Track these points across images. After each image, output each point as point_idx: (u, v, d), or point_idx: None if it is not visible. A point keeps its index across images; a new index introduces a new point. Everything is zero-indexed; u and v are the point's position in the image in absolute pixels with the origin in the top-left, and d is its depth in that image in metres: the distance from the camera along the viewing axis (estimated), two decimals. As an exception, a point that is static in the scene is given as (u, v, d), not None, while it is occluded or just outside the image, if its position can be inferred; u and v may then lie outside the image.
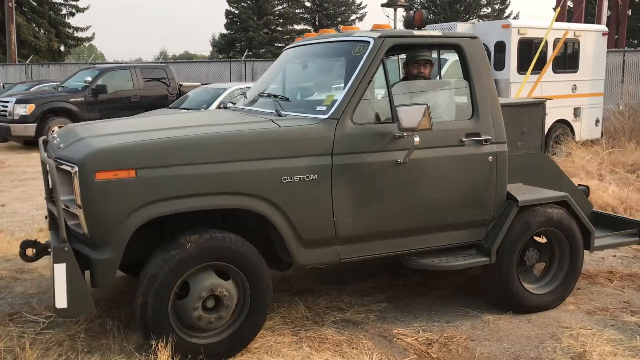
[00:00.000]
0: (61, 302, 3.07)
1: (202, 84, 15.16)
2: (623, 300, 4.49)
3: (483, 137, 4.02)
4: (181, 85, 15.08)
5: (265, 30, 42.58)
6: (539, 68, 9.78)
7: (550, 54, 10.07)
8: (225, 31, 43.47)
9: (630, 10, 28.77)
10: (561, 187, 4.64)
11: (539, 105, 4.88)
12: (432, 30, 4.37)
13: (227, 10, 42.51)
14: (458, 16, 39.54)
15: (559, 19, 16.48)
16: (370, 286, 4.75)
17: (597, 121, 11.37)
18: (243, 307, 3.51)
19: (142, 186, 3.19)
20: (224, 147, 3.40)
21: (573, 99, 10.74)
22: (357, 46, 3.91)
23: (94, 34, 42.00)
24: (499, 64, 10.04)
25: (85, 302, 3.15)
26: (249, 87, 5.16)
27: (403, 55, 4.94)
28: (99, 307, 3.94)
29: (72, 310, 3.14)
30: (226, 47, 42.60)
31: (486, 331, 3.92)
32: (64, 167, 3.30)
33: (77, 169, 3.15)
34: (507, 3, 43.76)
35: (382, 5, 16.73)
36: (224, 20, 42.90)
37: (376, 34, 3.87)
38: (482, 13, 42.89)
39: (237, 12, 42.46)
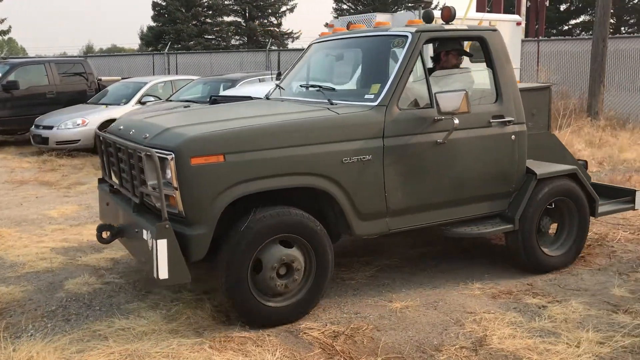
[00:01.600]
0: (163, 273, 3.46)
1: (122, 78, 14.67)
2: (526, 282, 4.62)
3: (507, 119, 4.57)
4: (100, 79, 14.54)
5: (194, 22, 41.65)
6: (456, 58, 9.97)
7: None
8: (152, 23, 42.28)
9: (547, 1, 29.86)
10: (566, 162, 5.27)
11: (545, 90, 5.48)
12: (459, 25, 4.75)
13: (154, 1, 41.33)
14: (387, 7, 39.97)
15: (479, 9, 16.93)
16: (282, 281, 4.69)
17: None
18: (310, 272, 3.96)
19: (230, 169, 3.61)
20: (296, 134, 3.84)
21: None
22: (396, 40, 4.40)
23: (10, 27, 39.83)
24: (418, 54, 10.18)
25: (183, 272, 3.52)
26: (172, 81, 5.21)
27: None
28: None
29: (172, 280, 3.52)
30: (154, 40, 41.40)
31: (393, 320, 3.95)
32: (150, 154, 3.57)
33: (173, 155, 3.50)
34: (433, -6, 44.55)
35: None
36: (152, 13, 41.70)
37: (413, 29, 4.35)
38: (410, 4, 43.52)
39: (164, 3, 41.34)
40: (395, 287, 4.55)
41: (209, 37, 40.96)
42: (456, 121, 4.15)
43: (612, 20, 19.72)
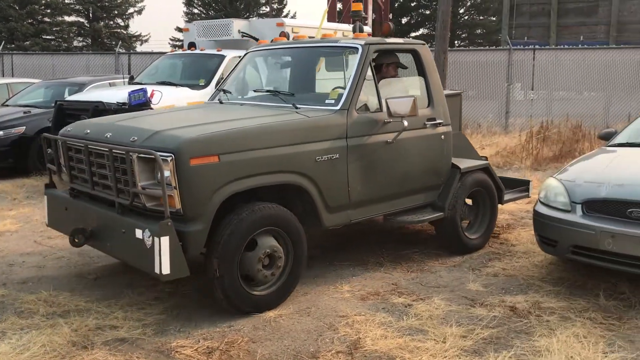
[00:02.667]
0: (165, 269, 3.62)
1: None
2: (392, 282, 4.81)
3: (437, 121, 5.25)
4: None
5: (30, 21, 38.42)
6: (313, 65, 10.18)
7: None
8: (-20, 20, 38.27)
9: (391, 14, 31.69)
10: (474, 158, 6.04)
11: (457, 96, 6.30)
12: (396, 39, 5.32)
13: (-19, -4, 37.47)
14: (238, 13, 39.91)
15: (331, 19, 17.48)
16: (148, 298, 4.44)
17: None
18: (287, 264, 4.27)
19: (224, 169, 3.87)
20: (279, 135, 4.19)
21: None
22: (347, 51, 4.98)
23: None
24: (276, 61, 10.24)
25: (183, 268, 3.71)
26: (8, 84, 4.90)
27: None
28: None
29: (174, 275, 3.68)
30: (-17, 39, 37.53)
31: (268, 330, 3.89)
32: (146, 156, 3.74)
33: (173, 156, 3.68)
34: (284, 3, 45.32)
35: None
36: (-22, 8, 37.73)
37: (362, 41, 4.90)
38: (261, 11, 43.87)
39: (-7, -1, 37.64)
40: (267, 296, 4.49)
41: (48, 37, 38.02)
42: (406, 123, 4.82)
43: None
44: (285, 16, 42.79)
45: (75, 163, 4.55)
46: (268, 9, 44.12)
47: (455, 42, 39.29)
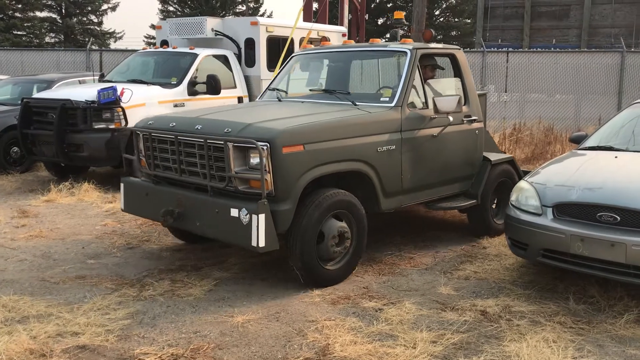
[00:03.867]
0: (261, 242, 4.16)
1: None
2: (363, 286, 4.75)
3: (473, 117, 5.89)
4: None
5: (0, 16, 37.58)
6: (287, 65, 10.10)
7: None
8: (-52, 15, 37.31)
9: (367, 14, 31.72)
10: (497, 151, 6.74)
11: (483, 95, 6.73)
12: (437, 44, 6.10)
13: (-52, -10, 36.51)
14: (214, 11, 39.58)
15: (306, 19, 17.39)
16: (112, 302, 4.31)
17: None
18: (352, 243, 4.81)
19: (307, 157, 4.43)
20: (349, 128, 4.77)
21: (320, 95, 11.32)
22: (397, 55, 5.58)
23: None
24: (250, 61, 10.12)
25: (275, 242, 4.25)
26: None
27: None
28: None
29: (268, 247, 4.20)
30: (-49, 34, 36.58)
31: (235, 336, 3.79)
32: (241, 145, 4.32)
33: (269, 146, 4.23)
34: (260, 2, 45.08)
35: None
36: (-54, 2, 36.74)
37: (410, 46, 5.51)
38: (237, 10, 43.59)
39: (-39, -7, 36.72)
40: (236, 301, 4.40)
41: (19, 32, 37.24)
42: (451, 118, 5.43)
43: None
44: (262, 15, 42.57)
45: (159, 153, 4.99)
46: (244, 8, 43.87)
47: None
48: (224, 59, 9.89)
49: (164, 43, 10.86)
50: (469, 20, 40.25)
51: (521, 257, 4.79)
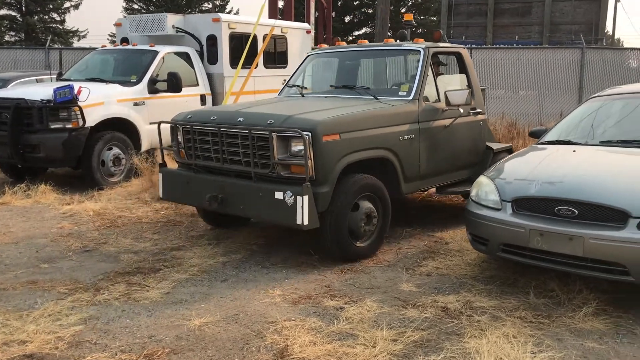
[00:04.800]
0: (305, 221, 4.64)
1: None
2: (325, 284, 4.68)
3: (477, 110, 6.47)
4: None
5: (-44, 14, 36.45)
6: (250, 63, 9.97)
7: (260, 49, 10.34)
8: None
9: (333, 12, 31.70)
10: (495, 141, 7.27)
11: (483, 90, 7.21)
12: (445, 44, 6.67)
13: None
14: (180, 9, 39.05)
15: (272, 16, 17.26)
16: (64, 307, 4.16)
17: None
18: (379, 221, 5.33)
19: (343, 145, 4.93)
20: (376, 119, 5.31)
21: (285, 92, 11.22)
22: (411, 53, 6.16)
23: None
24: (212, 58, 9.95)
25: (316, 220, 4.73)
26: None
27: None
28: None
29: (311, 225, 4.69)
30: None
31: (191, 340, 3.69)
32: (284, 135, 4.80)
33: (310, 134, 4.69)
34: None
35: None
36: None
37: (423, 45, 6.08)
38: (204, 8, 43.11)
39: None
40: (194, 303, 4.29)
41: (-25, 30, 36.17)
42: (461, 110, 6.08)
43: (389, 33, 21.58)
44: (229, 12, 42.16)
45: (199, 144, 5.42)
46: (210, 5, 43.43)
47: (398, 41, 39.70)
48: (186, 57, 9.72)
49: (124, 40, 10.64)
50: (434, 18, 40.58)
51: (482, 252, 4.79)
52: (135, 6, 41.86)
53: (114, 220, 6.63)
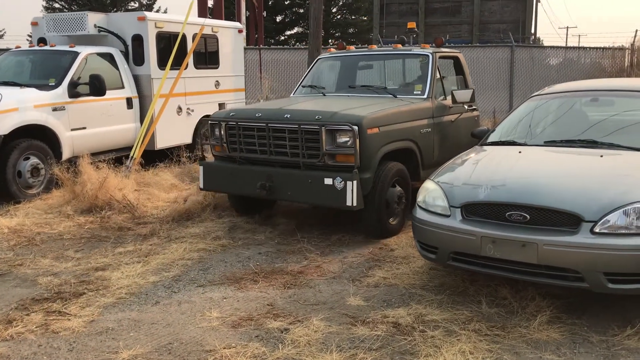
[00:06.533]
0: (354, 202, 5.40)
1: None
2: (267, 303, 4.34)
3: (473, 107, 7.35)
4: None
5: None
6: (180, 64, 9.47)
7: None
8: None
9: (265, 12, 31.26)
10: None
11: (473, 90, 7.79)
12: (446, 49, 7.52)
13: None
14: (105, 8, 37.54)
15: (201, 14, 16.68)
16: (-32, 346, 3.63)
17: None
18: (406, 202, 6.07)
19: (382, 137, 5.73)
20: (404, 115, 6.09)
21: (217, 94, 10.74)
22: (421, 57, 6.93)
23: None
24: (138, 59, 9.36)
25: (362, 202, 5.50)
26: None
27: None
28: None
29: (358, 206, 5.46)
30: None
31: (119, 378, 3.27)
32: (332, 128, 5.52)
33: (357, 128, 5.43)
34: (154, -2, 43.34)
35: None
36: None
37: (430, 50, 6.93)
38: (130, 7, 41.64)
39: None
40: (121, 332, 3.85)
41: None
42: (466, 107, 7.06)
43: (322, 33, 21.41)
44: (157, 11, 40.88)
45: (243, 138, 6.00)
46: (137, 4, 42.02)
47: (330, 40, 39.69)
48: (110, 58, 9.10)
49: (41, 41, 9.89)
50: (365, 18, 40.80)
51: (431, 261, 4.55)
52: (57, 5, 39.98)
53: (32, 237, 6.04)
